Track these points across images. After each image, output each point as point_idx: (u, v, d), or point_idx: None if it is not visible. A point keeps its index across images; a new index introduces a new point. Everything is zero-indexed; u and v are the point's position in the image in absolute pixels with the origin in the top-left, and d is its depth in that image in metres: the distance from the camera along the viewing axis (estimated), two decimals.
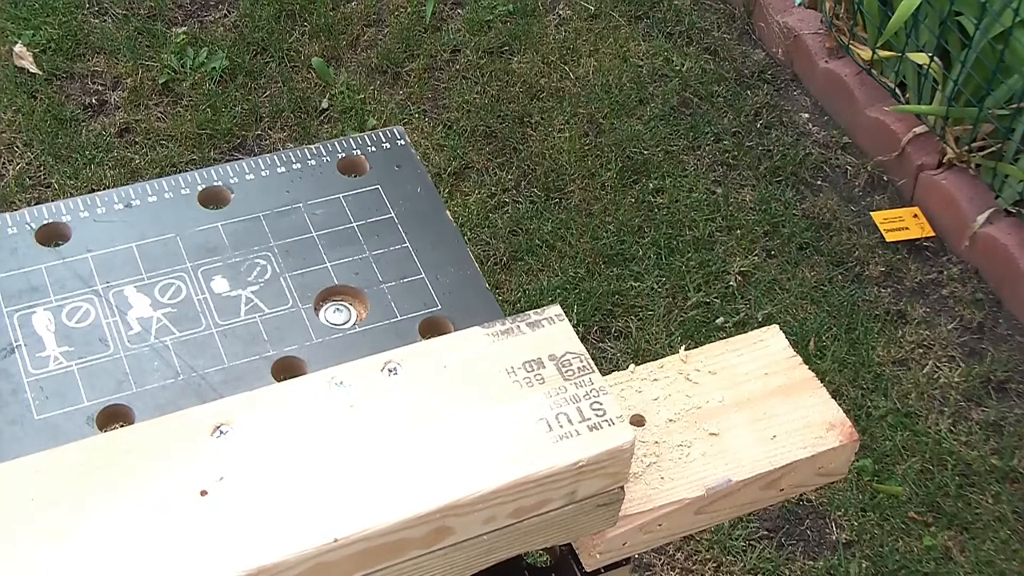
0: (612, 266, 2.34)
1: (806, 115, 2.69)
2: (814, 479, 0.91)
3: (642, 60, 2.76)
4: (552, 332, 0.78)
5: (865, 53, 2.59)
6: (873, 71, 2.58)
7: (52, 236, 0.90)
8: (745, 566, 1.95)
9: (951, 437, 2.12)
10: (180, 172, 0.97)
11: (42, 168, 2.47)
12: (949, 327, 2.29)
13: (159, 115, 2.59)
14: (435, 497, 0.69)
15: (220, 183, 0.94)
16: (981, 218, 2.34)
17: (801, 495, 2.02)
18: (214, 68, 2.67)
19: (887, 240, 2.43)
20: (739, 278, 2.34)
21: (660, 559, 1.97)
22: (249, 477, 0.69)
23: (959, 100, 2.39)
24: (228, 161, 2.05)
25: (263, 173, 0.96)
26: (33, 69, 2.65)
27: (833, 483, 1.87)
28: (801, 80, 2.75)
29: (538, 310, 0.80)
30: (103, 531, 0.66)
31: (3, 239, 0.89)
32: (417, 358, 0.76)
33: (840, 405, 0.92)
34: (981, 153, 2.40)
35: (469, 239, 2.37)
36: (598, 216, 2.43)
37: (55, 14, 2.75)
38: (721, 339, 0.95)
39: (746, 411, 0.89)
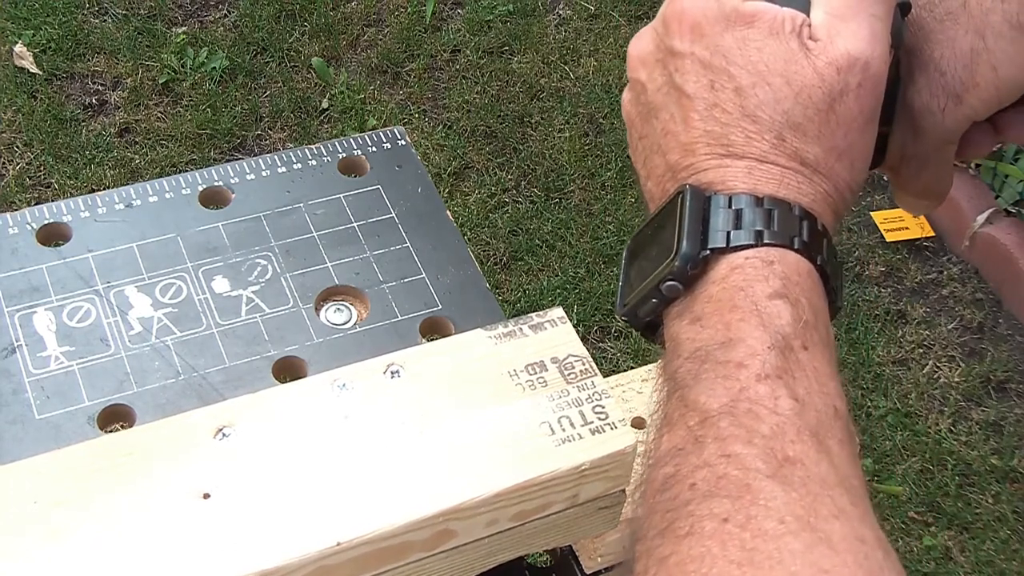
0: (612, 266, 2.34)
1: None
2: None
3: None
4: (554, 335, 0.78)
5: None
6: None
7: (53, 236, 0.90)
8: None
9: (951, 437, 2.12)
10: (180, 172, 0.97)
11: (42, 168, 2.47)
12: (949, 327, 2.29)
13: (159, 115, 2.59)
14: (438, 500, 0.69)
15: (220, 183, 0.94)
16: (981, 218, 2.34)
17: None
18: (214, 68, 2.66)
19: (887, 240, 2.42)
20: None
21: None
22: (252, 480, 0.69)
23: None
24: (228, 161, 2.05)
25: (263, 173, 0.95)
26: (33, 69, 2.65)
27: None
28: None
29: (540, 312, 0.79)
30: (105, 533, 0.66)
31: (4, 239, 0.89)
32: (420, 360, 0.76)
33: None
34: None
35: (469, 239, 2.37)
36: (598, 216, 2.43)
37: (55, 14, 2.75)
38: None
39: None
